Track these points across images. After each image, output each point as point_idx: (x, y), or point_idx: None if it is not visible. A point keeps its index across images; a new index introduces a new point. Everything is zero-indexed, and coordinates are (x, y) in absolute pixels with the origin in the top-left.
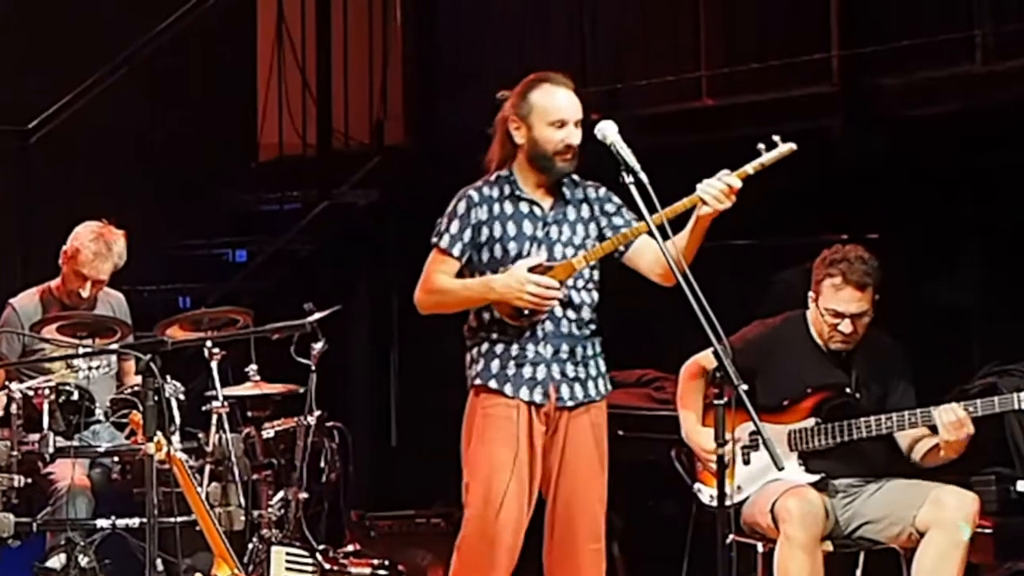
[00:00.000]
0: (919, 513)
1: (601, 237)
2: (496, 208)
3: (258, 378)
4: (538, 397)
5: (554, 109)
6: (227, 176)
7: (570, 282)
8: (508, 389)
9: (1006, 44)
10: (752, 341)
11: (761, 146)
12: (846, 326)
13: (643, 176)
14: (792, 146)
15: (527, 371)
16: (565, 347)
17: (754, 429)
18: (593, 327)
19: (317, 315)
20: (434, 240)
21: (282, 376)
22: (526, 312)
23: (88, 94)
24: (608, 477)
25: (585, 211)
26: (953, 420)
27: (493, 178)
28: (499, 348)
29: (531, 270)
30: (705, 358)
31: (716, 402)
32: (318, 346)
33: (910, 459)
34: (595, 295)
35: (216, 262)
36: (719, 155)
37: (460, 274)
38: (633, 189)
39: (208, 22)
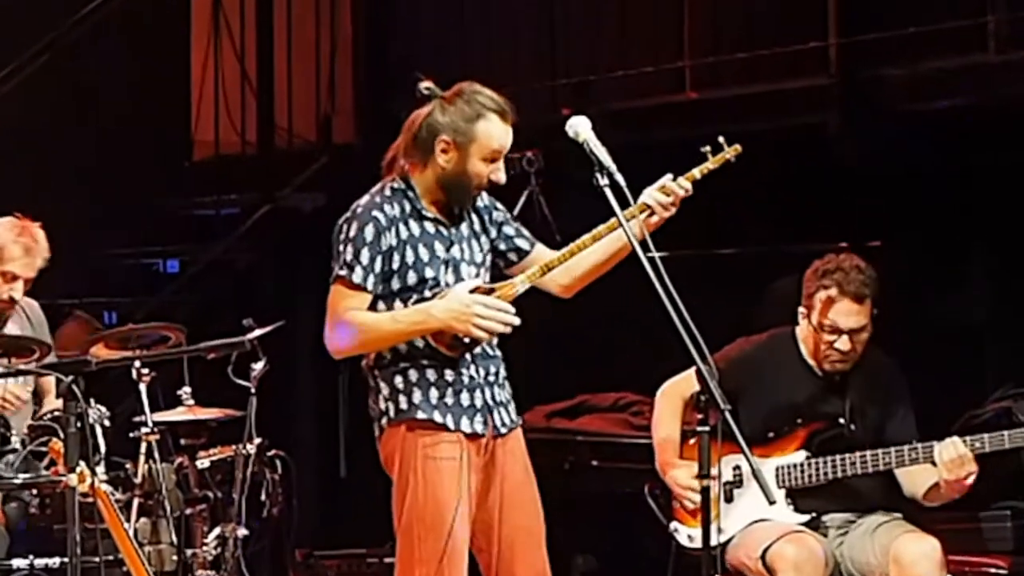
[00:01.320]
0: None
1: (494, 250)
2: (403, 230)
3: (192, 402)
4: (479, 426)
5: (496, 145)
6: (157, 177)
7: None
8: (450, 421)
9: (1023, 31)
10: (735, 361)
11: (707, 148)
12: (843, 343)
13: (619, 178)
14: (738, 148)
15: (465, 398)
16: (492, 368)
17: (736, 464)
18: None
19: (258, 332)
20: (341, 273)
21: (219, 400)
22: (467, 341)
23: (2, 86)
24: (582, 512)
25: (476, 223)
26: (953, 457)
27: (388, 192)
28: (431, 374)
29: (472, 292)
30: (685, 381)
31: (700, 429)
32: (259, 366)
33: (911, 496)
34: None
35: (145, 273)
36: (702, 154)
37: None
38: (608, 192)
39: (137, 5)
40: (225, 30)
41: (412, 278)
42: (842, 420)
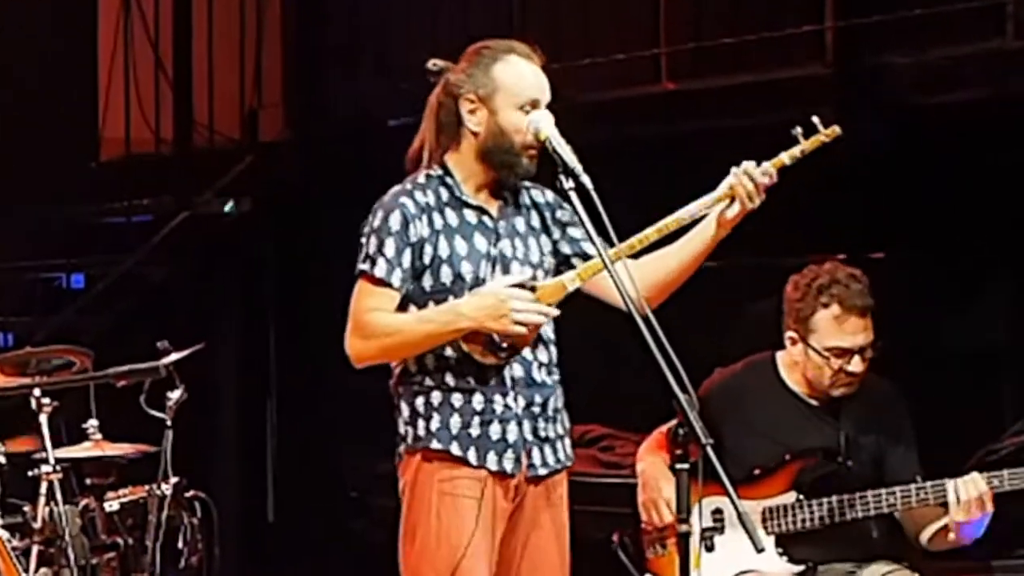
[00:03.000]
0: None
1: (555, 253)
2: (437, 219)
3: (99, 436)
4: (509, 465)
5: (526, 88)
6: (60, 180)
7: None
8: (472, 456)
9: None
10: (712, 394)
11: (798, 130)
12: (856, 364)
13: (586, 180)
14: (836, 129)
15: (495, 430)
16: (538, 398)
17: (718, 507)
18: (558, 371)
19: (174, 356)
20: (363, 267)
21: (130, 434)
22: (505, 345)
23: None
24: None
25: (535, 220)
26: (975, 496)
27: (423, 179)
28: (456, 399)
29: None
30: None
31: (678, 466)
32: (175, 395)
33: (915, 541)
34: (552, 336)
35: (45, 288)
36: (682, 153)
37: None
38: (574, 196)
39: None
40: (136, 11)
41: (446, 274)
42: (836, 455)
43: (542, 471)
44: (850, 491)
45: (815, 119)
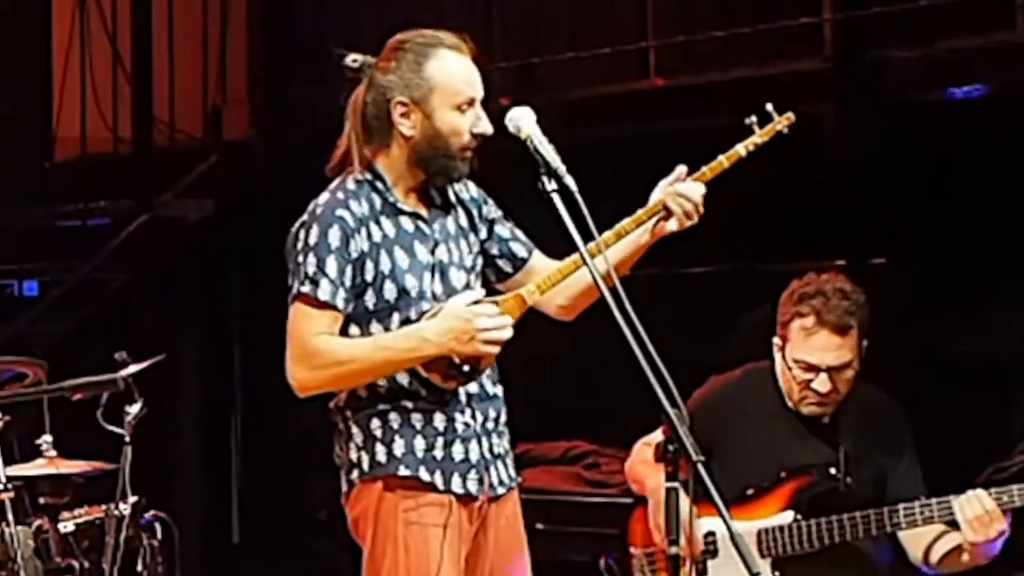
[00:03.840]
0: None
1: (484, 255)
2: (375, 231)
3: (54, 453)
4: (473, 486)
5: (462, 85)
6: (11, 181)
7: None
8: (439, 480)
9: None
10: (707, 405)
11: (752, 119)
12: (821, 383)
13: (570, 182)
14: (791, 116)
15: (458, 451)
16: (492, 412)
17: (710, 529)
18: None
19: (133, 368)
20: (303, 290)
21: (86, 450)
22: (466, 368)
23: None
24: None
25: (463, 218)
26: (980, 514)
27: (352, 185)
28: (417, 420)
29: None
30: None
31: (667, 484)
32: (134, 409)
33: (914, 562)
34: None
35: None
36: (671, 153)
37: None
38: (556, 199)
39: None
40: (93, 1)
41: (390, 291)
42: (834, 471)
43: (500, 490)
44: (850, 510)
45: (768, 106)
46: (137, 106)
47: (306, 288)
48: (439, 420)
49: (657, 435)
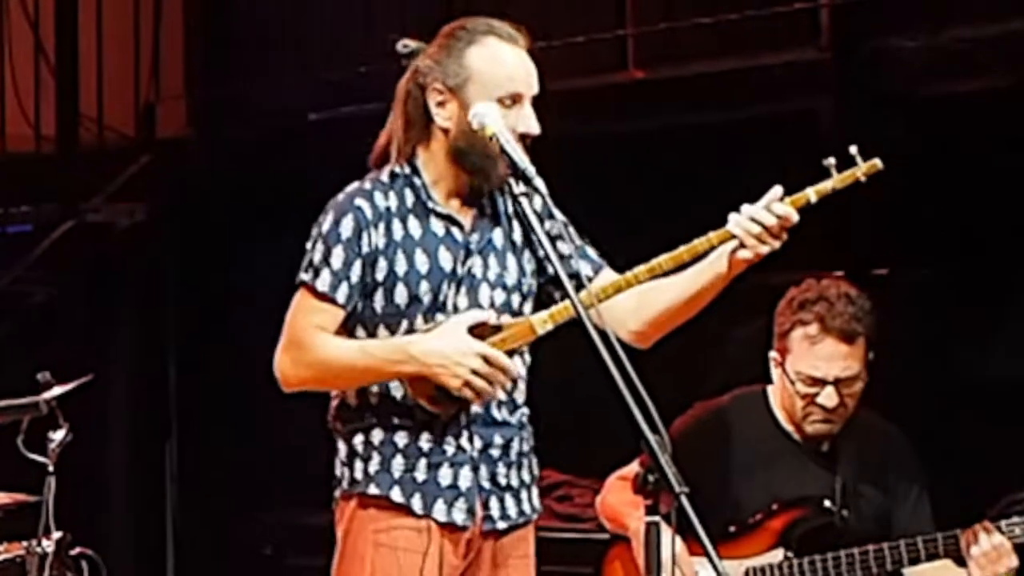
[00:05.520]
0: None
1: (540, 272)
2: (397, 228)
3: None
4: (459, 516)
5: (505, 79)
6: None
7: None
8: (416, 504)
9: None
10: (690, 435)
11: (831, 161)
12: (828, 397)
13: (540, 184)
14: (876, 163)
15: (445, 475)
16: (498, 439)
17: (695, 569)
18: (527, 411)
19: (58, 390)
20: (304, 277)
21: (5, 481)
22: (456, 396)
23: None
24: None
25: (517, 233)
26: (987, 550)
27: (386, 177)
28: (401, 438)
29: (472, 331)
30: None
31: (647, 519)
32: (58, 436)
33: None
34: (527, 363)
35: None
36: (652, 153)
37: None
38: (524, 203)
39: None
40: None
41: (401, 295)
42: (829, 503)
43: (501, 524)
44: (846, 547)
45: (853, 149)
46: (62, 101)
47: (307, 276)
48: (425, 441)
49: (633, 467)
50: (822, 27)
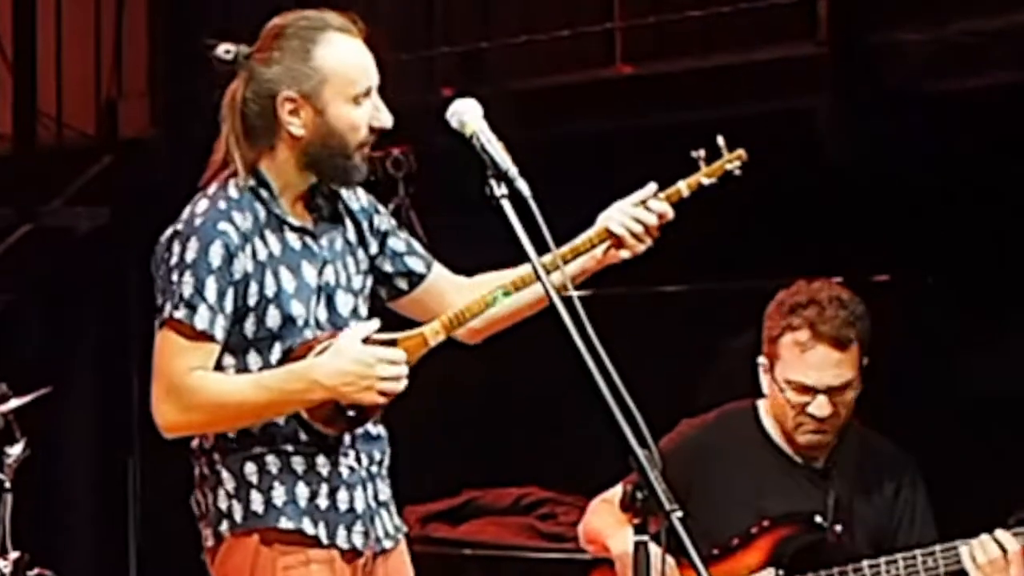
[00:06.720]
0: None
1: (375, 272)
2: (260, 248)
3: None
4: (359, 540)
5: (359, 74)
6: None
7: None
8: (323, 533)
9: None
10: (677, 453)
11: (700, 153)
12: (820, 407)
13: (522, 185)
14: (742, 153)
15: (342, 499)
16: (376, 454)
17: None
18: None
19: (14, 402)
20: (177, 315)
21: None
22: (352, 414)
23: None
24: None
25: (351, 232)
26: (994, 558)
27: (233, 192)
28: (298, 464)
29: (364, 344)
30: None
31: (636, 538)
32: (15, 451)
33: None
34: None
35: None
36: (641, 151)
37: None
38: (506, 205)
39: None
40: None
41: (273, 318)
42: (820, 519)
43: (387, 543)
44: (840, 565)
45: (719, 140)
46: (19, 98)
47: (180, 313)
48: (323, 464)
49: (617, 490)
50: (819, 20)
